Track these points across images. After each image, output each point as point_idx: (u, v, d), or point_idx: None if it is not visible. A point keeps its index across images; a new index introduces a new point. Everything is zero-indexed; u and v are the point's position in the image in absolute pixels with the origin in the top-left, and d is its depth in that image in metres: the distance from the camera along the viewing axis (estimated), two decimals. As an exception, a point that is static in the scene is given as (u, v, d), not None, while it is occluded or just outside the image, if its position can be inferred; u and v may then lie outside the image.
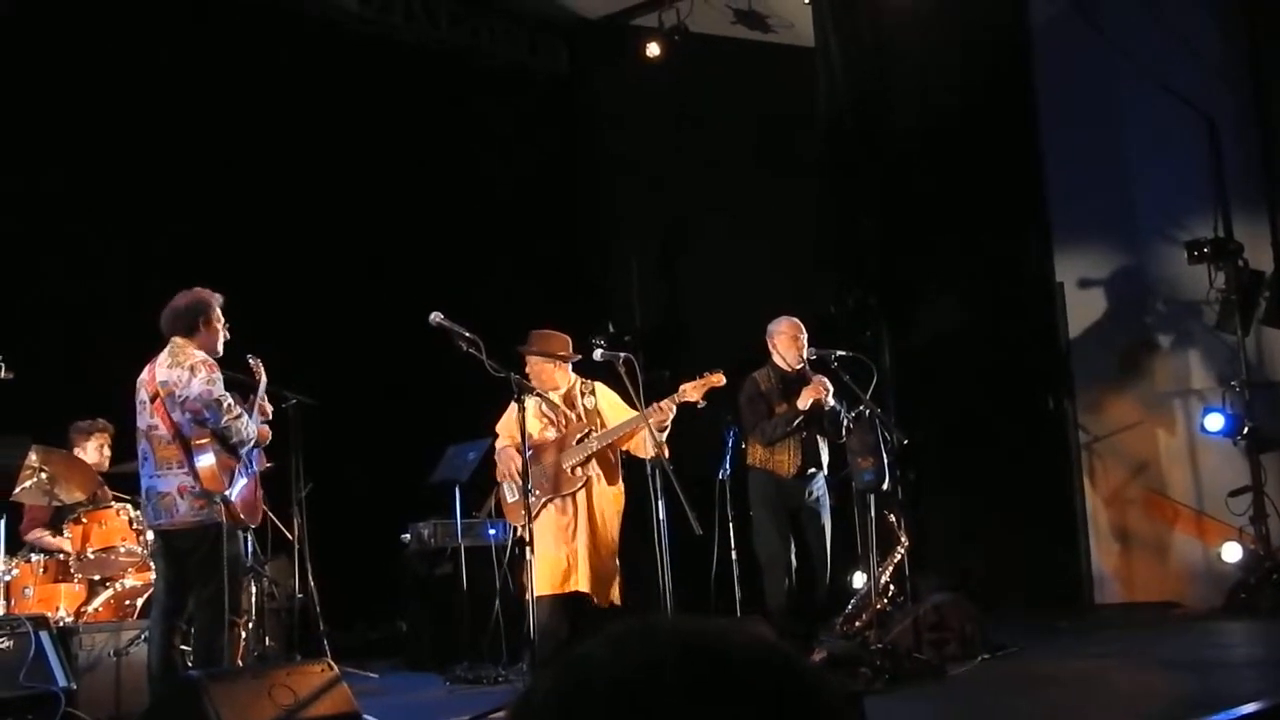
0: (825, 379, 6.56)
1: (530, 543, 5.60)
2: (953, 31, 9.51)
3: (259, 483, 5.71)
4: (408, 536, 8.28)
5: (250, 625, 6.52)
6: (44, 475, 6.46)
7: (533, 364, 6.34)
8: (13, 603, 6.22)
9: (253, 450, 5.53)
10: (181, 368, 5.30)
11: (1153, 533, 9.09)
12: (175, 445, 5.29)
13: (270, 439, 5.78)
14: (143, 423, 5.41)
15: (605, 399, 6.33)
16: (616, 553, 6.23)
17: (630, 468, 6.40)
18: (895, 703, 5.53)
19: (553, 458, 6.20)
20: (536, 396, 6.19)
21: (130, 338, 5.90)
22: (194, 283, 5.57)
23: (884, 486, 6.49)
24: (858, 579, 7.66)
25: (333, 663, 5.23)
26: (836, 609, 6.97)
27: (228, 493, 5.27)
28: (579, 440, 6.21)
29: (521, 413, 5.77)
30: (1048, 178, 9.57)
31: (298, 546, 7.14)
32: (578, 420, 6.28)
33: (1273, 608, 7.86)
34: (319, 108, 9.49)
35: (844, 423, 6.60)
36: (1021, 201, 9.58)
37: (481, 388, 5.96)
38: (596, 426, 6.24)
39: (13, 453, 6.26)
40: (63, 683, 5.42)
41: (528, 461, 5.80)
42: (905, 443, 7.06)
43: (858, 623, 6.76)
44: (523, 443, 5.78)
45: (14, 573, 6.30)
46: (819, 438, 6.68)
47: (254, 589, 6.75)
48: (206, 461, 5.25)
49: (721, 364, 6.21)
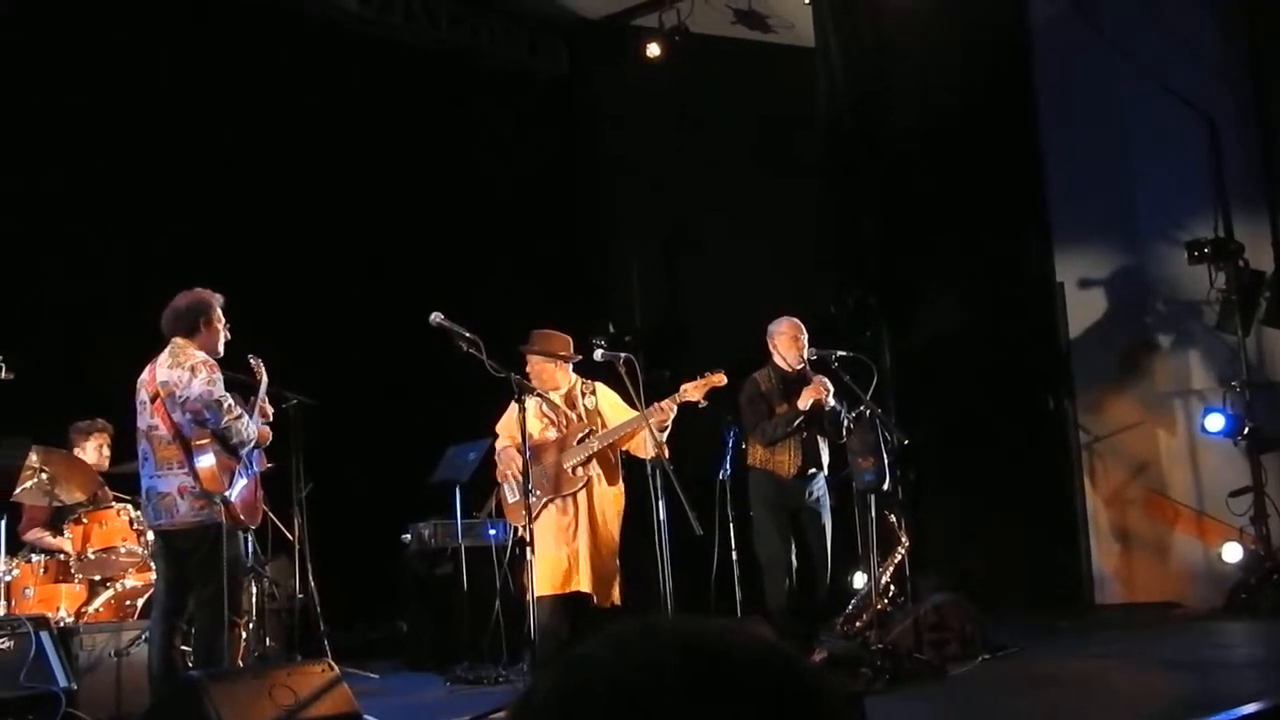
0: (825, 379, 6.55)
1: (531, 543, 5.60)
2: (953, 32, 9.51)
3: (259, 483, 5.71)
4: (408, 537, 8.28)
5: (251, 626, 6.52)
6: (44, 476, 6.46)
7: (534, 364, 6.34)
8: (13, 603, 6.21)
9: (253, 451, 5.53)
10: (182, 368, 5.30)
11: (1153, 533, 9.08)
12: (175, 446, 5.29)
13: (270, 440, 5.78)
14: (143, 423, 5.41)
15: (606, 399, 6.33)
16: (617, 553, 6.23)
17: (630, 468, 6.40)
18: (895, 703, 5.53)
19: (553, 458, 6.20)
20: (537, 396, 6.19)
21: (130, 338, 5.90)
22: (194, 283, 5.57)
23: (884, 487, 6.48)
24: (858, 579, 7.65)
25: (333, 663, 5.23)
26: (837, 609, 6.97)
27: (228, 493, 5.27)
28: (580, 440, 6.21)
29: (522, 413, 5.77)
30: (1048, 178, 9.56)
31: (298, 547, 7.14)
32: (578, 420, 6.28)
33: (1273, 608, 7.86)
34: (319, 108, 9.49)
35: (844, 423, 6.59)
36: (1022, 201, 9.58)
37: (482, 388, 5.96)
38: (597, 426, 6.24)
39: (13, 453, 6.25)
40: (63, 683, 5.42)
41: (528, 461, 5.79)
42: (905, 443, 7.06)
43: (858, 623, 6.76)
44: (523, 443, 5.78)
45: (15, 573, 6.29)
46: (819, 438, 6.68)
47: (254, 589, 6.75)
48: (206, 462, 5.25)
49: (722, 364, 6.21)
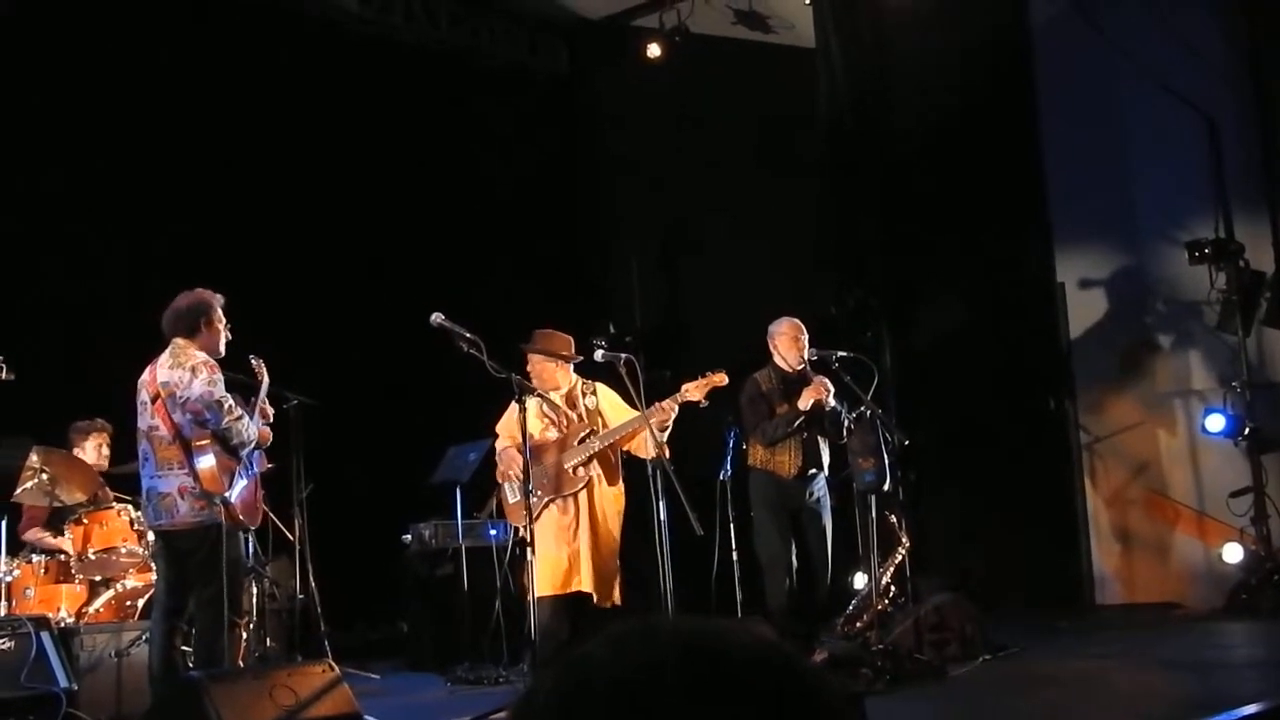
0: (826, 380, 6.55)
1: (531, 543, 5.59)
2: (953, 32, 9.51)
3: (259, 484, 5.71)
4: (409, 537, 8.28)
5: (251, 626, 6.52)
6: (45, 476, 6.46)
7: (534, 363, 6.34)
8: (14, 603, 6.21)
9: (253, 452, 5.53)
10: (183, 369, 5.30)
11: (1154, 533, 9.08)
12: (176, 446, 5.29)
13: (271, 440, 5.78)
14: (143, 423, 5.41)
15: (606, 399, 6.33)
16: (617, 553, 6.23)
17: (631, 468, 6.40)
18: (896, 703, 5.53)
19: (554, 458, 6.20)
20: (538, 397, 6.19)
21: (130, 338, 5.90)
22: (194, 283, 5.57)
23: (885, 487, 6.48)
24: (858, 580, 7.65)
25: (334, 663, 5.23)
26: (837, 610, 6.96)
27: (228, 494, 5.27)
28: (580, 440, 6.21)
29: (522, 413, 5.77)
30: (1048, 178, 9.56)
31: (299, 547, 7.14)
32: (579, 420, 6.27)
33: (1274, 609, 7.86)
34: (319, 108, 9.49)
35: (845, 423, 6.59)
36: (1022, 202, 9.57)
37: (482, 388, 5.96)
38: (598, 426, 6.24)
39: (13, 453, 6.25)
40: (64, 683, 5.42)
41: (529, 462, 5.79)
42: (906, 443, 7.05)
43: (859, 623, 6.75)
44: (524, 443, 5.77)
45: (15, 573, 6.29)
46: (820, 438, 6.67)
47: (255, 590, 6.75)
48: (207, 463, 5.25)
49: (722, 364, 6.21)
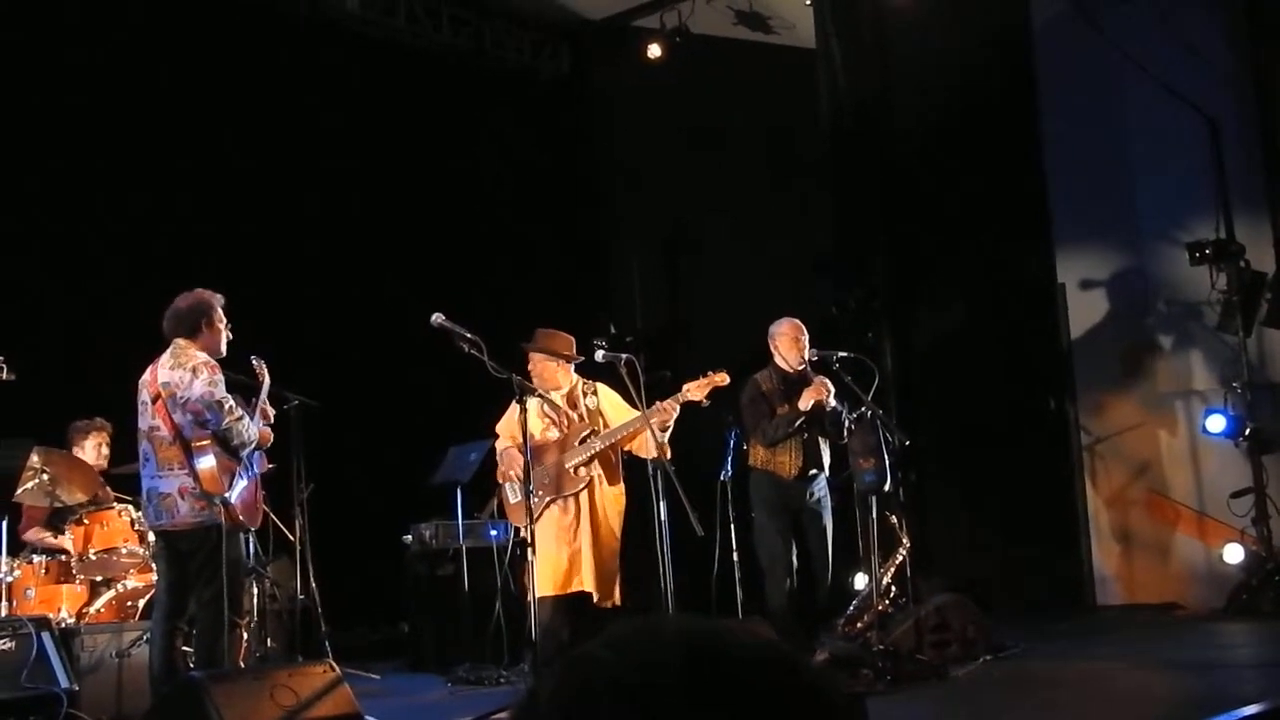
0: (827, 380, 6.55)
1: (532, 544, 5.59)
2: (954, 33, 9.52)
3: (259, 484, 5.71)
4: (409, 538, 8.28)
5: (252, 626, 6.51)
6: (45, 476, 6.46)
7: (536, 362, 6.33)
8: (15, 604, 6.21)
9: (254, 452, 5.53)
10: (183, 369, 5.31)
11: (1154, 534, 9.08)
12: (176, 446, 5.29)
13: (272, 441, 5.78)
14: (144, 424, 5.41)
15: (607, 399, 6.33)
16: (618, 553, 6.22)
17: (632, 469, 6.40)
18: (897, 704, 5.54)
19: (555, 458, 6.20)
20: (538, 397, 6.19)
21: (130, 338, 5.90)
22: (194, 283, 5.57)
23: (885, 488, 6.48)
24: (859, 580, 7.65)
25: (334, 664, 5.23)
26: (838, 610, 6.96)
27: (228, 495, 5.27)
28: (581, 440, 6.20)
29: (523, 413, 5.76)
30: (1049, 179, 9.56)
31: (299, 548, 7.14)
32: (580, 420, 6.27)
33: (1274, 609, 7.86)
34: (320, 110, 9.50)
35: (845, 424, 6.59)
36: (1023, 202, 9.57)
37: (483, 389, 5.96)
38: (599, 427, 6.24)
39: (14, 454, 6.25)
40: (65, 684, 5.42)
41: (530, 462, 5.79)
42: (907, 444, 7.04)
43: (859, 624, 6.75)
44: (524, 444, 5.77)
45: (16, 574, 6.29)
46: (820, 439, 6.67)
47: (256, 590, 6.75)
48: (207, 464, 5.25)
49: (723, 365, 6.21)
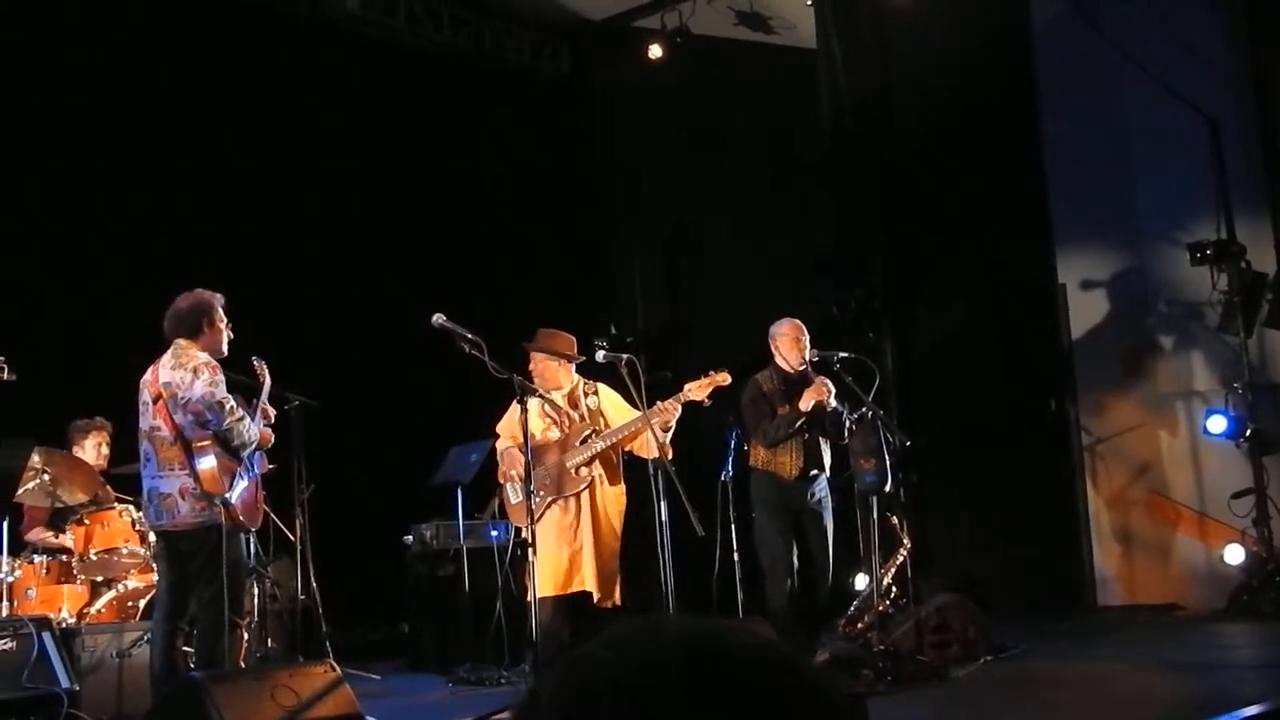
0: (827, 380, 6.54)
1: (533, 544, 5.59)
2: (954, 33, 9.52)
3: (260, 485, 5.71)
4: (410, 538, 8.28)
5: (253, 627, 6.52)
6: (46, 476, 6.46)
7: (537, 362, 6.33)
8: (15, 604, 6.21)
9: (254, 453, 5.54)
10: (184, 369, 5.31)
11: (1155, 535, 9.08)
12: (177, 447, 5.29)
13: (272, 442, 5.78)
14: (145, 424, 5.42)
15: (608, 399, 6.33)
16: (618, 553, 6.22)
17: (632, 469, 6.40)
18: (897, 705, 5.54)
19: (556, 458, 6.20)
20: (539, 397, 6.18)
21: (130, 338, 5.91)
22: (194, 283, 5.58)
23: (886, 488, 6.47)
24: (860, 581, 7.65)
25: (335, 664, 5.23)
26: (839, 611, 6.96)
27: (228, 495, 5.27)
28: (583, 440, 6.20)
29: (524, 414, 5.76)
30: (1049, 179, 9.55)
31: (300, 548, 7.14)
32: (581, 420, 6.27)
33: (1275, 610, 7.85)
34: (320, 110, 9.50)
35: (846, 424, 6.58)
36: (1023, 203, 9.57)
37: (484, 389, 5.96)
38: (600, 426, 6.24)
39: (15, 454, 6.26)
40: (65, 684, 5.42)
41: (530, 462, 5.79)
42: (907, 444, 7.04)
43: (860, 625, 6.75)
44: (525, 444, 5.77)
45: (17, 574, 6.29)
46: (821, 439, 6.67)
47: (256, 590, 6.75)
48: (207, 464, 5.25)
49: (724, 365, 6.21)
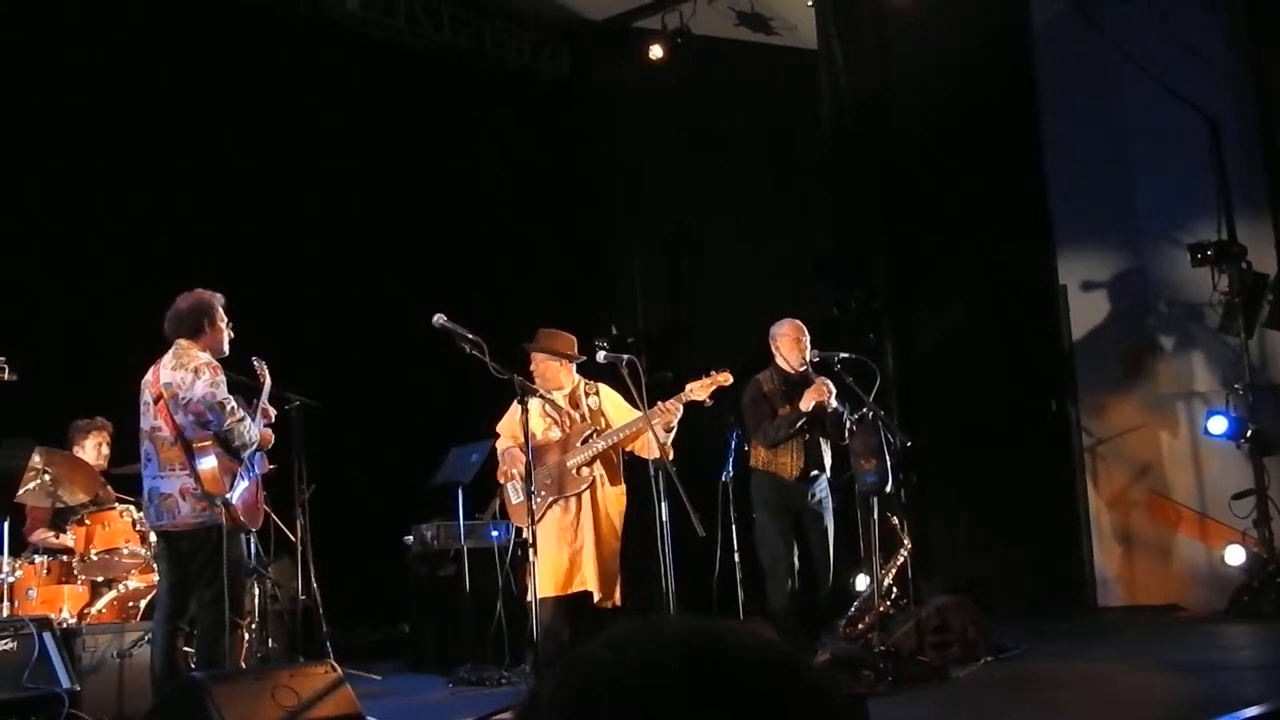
0: (828, 381, 6.54)
1: (533, 544, 5.59)
2: (955, 33, 9.52)
3: (261, 485, 5.72)
4: (411, 538, 8.28)
5: (253, 627, 6.52)
6: (47, 477, 6.46)
7: (538, 362, 6.33)
8: (16, 604, 6.21)
9: (255, 453, 5.54)
10: (185, 370, 5.31)
11: (1155, 535, 9.07)
12: (178, 447, 5.29)
13: (273, 442, 5.79)
14: (146, 424, 5.42)
15: (609, 400, 6.33)
16: (619, 553, 6.22)
17: (633, 469, 6.40)
18: (898, 705, 5.54)
19: (556, 458, 6.19)
20: (540, 397, 6.18)
21: (130, 338, 5.91)
22: (194, 283, 5.58)
23: (887, 489, 6.47)
24: (860, 581, 7.65)
25: (335, 664, 5.23)
26: (839, 611, 6.96)
27: (229, 495, 5.28)
28: (584, 440, 6.20)
29: (525, 414, 5.76)
30: (1050, 179, 9.55)
31: (301, 548, 7.14)
32: (582, 420, 6.27)
33: (1276, 611, 7.85)
34: (320, 110, 9.50)
35: (847, 425, 6.58)
36: (1024, 203, 9.57)
37: (484, 389, 5.96)
38: (601, 426, 6.24)
39: (16, 454, 6.26)
40: (66, 684, 5.42)
41: (531, 462, 5.79)
42: (908, 445, 7.04)
43: (860, 625, 6.75)
44: (526, 445, 5.77)
45: (18, 574, 6.30)
46: (822, 440, 6.67)
47: (257, 591, 6.75)
48: (208, 464, 5.26)
49: (724, 366, 6.21)
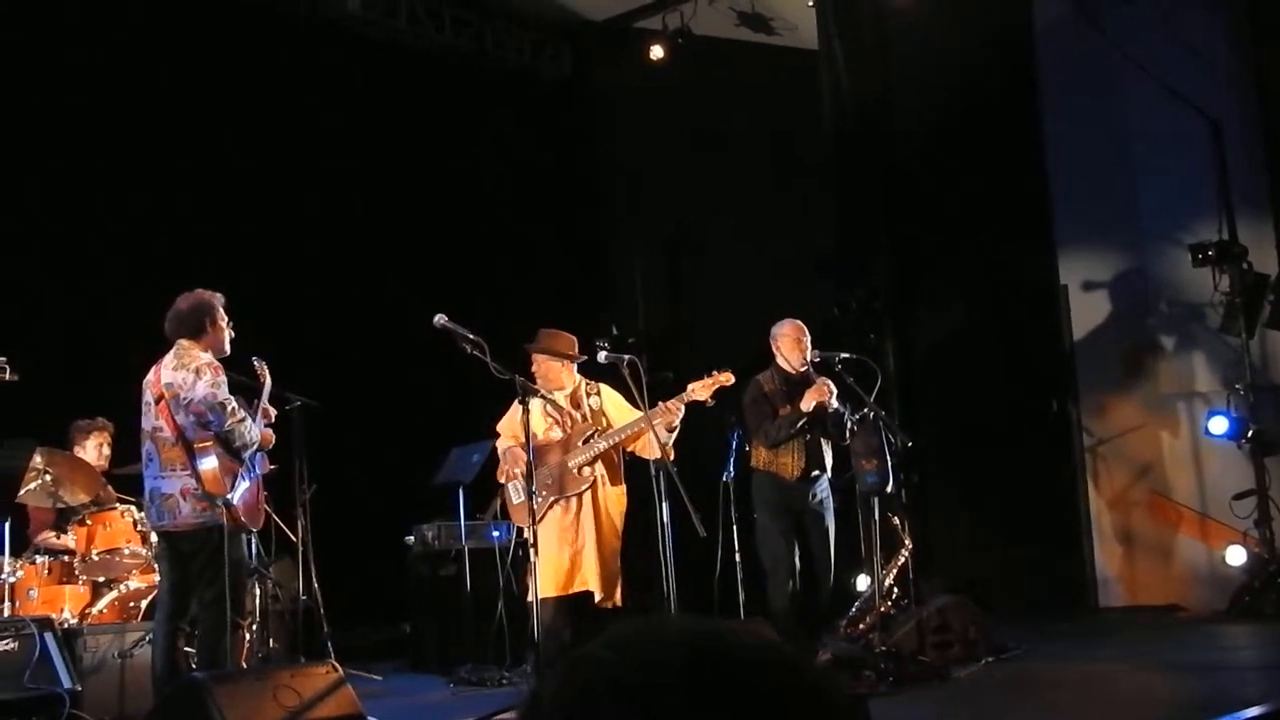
0: (829, 381, 6.54)
1: (534, 544, 5.59)
2: (956, 33, 9.52)
3: (261, 485, 5.72)
4: (411, 538, 8.28)
5: (254, 627, 6.52)
6: (48, 477, 6.47)
7: (539, 362, 6.33)
8: (17, 604, 6.22)
9: (256, 454, 5.54)
10: (186, 370, 5.32)
11: (1156, 536, 9.07)
12: (179, 447, 5.30)
13: (273, 442, 5.79)
14: (147, 424, 5.42)
15: (610, 400, 6.33)
16: (620, 553, 6.22)
17: (634, 469, 6.40)
18: (899, 705, 5.54)
19: (557, 458, 6.19)
20: (541, 397, 6.18)
21: (130, 338, 5.92)
22: (194, 283, 5.58)
23: (887, 489, 6.47)
24: (861, 582, 7.65)
25: (336, 664, 5.23)
26: (840, 612, 6.96)
27: (230, 496, 5.28)
28: (585, 440, 6.20)
29: (525, 414, 5.76)
30: (1051, 180, 9.55)
31: (302, 548, 7.14)
32: (583, 420, 6.27)
33: (1276, 611, 7.85)
34: (321, 110, 9.50)
35: (848, 425, 6.58)
36: (1025, 204, 9.57)
37: (485, 389, 5.96)
38: (602, 427, 6.24)
39: (17, 455, 6.26)
40: (67, 684, 5.43)
41: (532, 462, 5.79)
42: (909, 445, 7.04)
43: (861, 625, 6.75)
44: (528, 445, 5.77)
45: (19, 574, 6.30)
46: (823, 440, 6.67)
47: (258, 591, 6.75)
48: (209, 465, 5.26)
49: (725, 366, 6.21)
